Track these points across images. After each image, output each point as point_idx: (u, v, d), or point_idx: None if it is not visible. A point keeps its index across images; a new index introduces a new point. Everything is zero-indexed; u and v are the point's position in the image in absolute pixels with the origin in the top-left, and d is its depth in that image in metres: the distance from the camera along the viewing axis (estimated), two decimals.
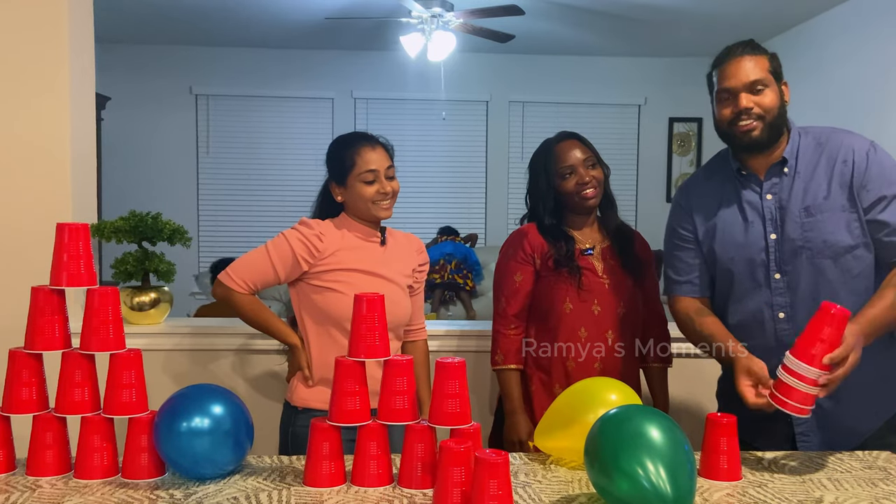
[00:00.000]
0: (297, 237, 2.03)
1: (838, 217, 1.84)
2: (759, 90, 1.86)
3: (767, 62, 1.89)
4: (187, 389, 1.61)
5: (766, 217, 1.89)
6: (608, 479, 1.35)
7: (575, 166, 2.17)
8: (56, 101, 2.57)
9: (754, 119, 1.86)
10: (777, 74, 1.90)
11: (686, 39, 6.25)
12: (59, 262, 1.56)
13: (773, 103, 1.87)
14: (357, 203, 2.07)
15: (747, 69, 1.86)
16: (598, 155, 2.23)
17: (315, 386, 2.05)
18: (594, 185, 2.17)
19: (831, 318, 1.55)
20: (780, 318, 1.88)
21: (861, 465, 1.67)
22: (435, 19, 5.02)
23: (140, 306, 2.58)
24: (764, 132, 1.87)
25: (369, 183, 2.05)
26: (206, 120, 6.78)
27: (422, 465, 1.51)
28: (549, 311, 2.16)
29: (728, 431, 1.58)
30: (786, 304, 1.87)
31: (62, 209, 2.56)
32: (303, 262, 2.03)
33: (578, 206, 2.19)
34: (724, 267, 1.94)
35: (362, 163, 2.05)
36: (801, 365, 1.56)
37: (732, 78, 1.87)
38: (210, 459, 1.54)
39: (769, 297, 1.89)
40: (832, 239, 1.84)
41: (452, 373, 1.50)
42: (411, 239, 2.23)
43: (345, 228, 2.09)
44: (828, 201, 1.85)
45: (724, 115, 1.89)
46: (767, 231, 1.89)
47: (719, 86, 1.89)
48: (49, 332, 1.56)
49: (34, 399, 1.58)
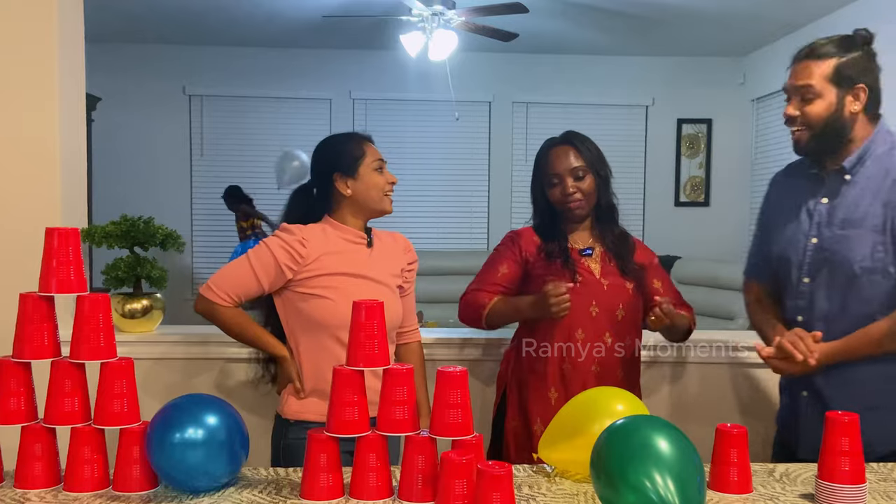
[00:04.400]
0: (278, 244, 2.00)
1: (866, 237, 1.82)
2: (809, 98, 1.85)
3: (831, 68, 1.84)
4: (180, 399, 1.59)
5: (814, 220, 1.90)
6: (615, 491, 1.33)
7: (562, 175, 2.16)
8: (44, 101, 2.54)
9: (799, 127, 1.86)
10: (843, 80, 1.84)
11: (695, 38, 6.22)
12: (48, 267, 1.54)
13: (821, 113, 1.84)
14: (370, 192, 2.06)
15: (802, 74, 1.86)
16: (598, 160, 2.19)
17: (307, 397, 2.02)
18: (579, 198, 2.16)
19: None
20: (799, 321, 1.90)
21: (876, 478, 1.63)
22: (436, 17, 4.98)
23: (132, 314, 2.55)
24: (811, 142, 1.87)
25: (381, 171, 2.07)
26: (199, 121, 6.74)
27: (422, 478, 1.49)
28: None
29: (738, 443, 1.55)
30: (805, 309, 1.89)
31: (51, 213, 2.52)
32: (286, 270, 1.99)
33: (566, 213, 2.20)
34: (774, 261, 1.99)
35: (371, 152, 2.08)
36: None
37: (790, 79, 1.88)
38: (204, 471, 1.51)
39: (794, 300, 1.93)
40: (852, 257, 1.83)
41: (454, 382, 1.48)
42: (397, 238, 2.20)
43: (329, 232, 2.06)
44: (864, 218, 1.83)
45: (784, 114, 1.91)
46: (810, 234, 1.89)
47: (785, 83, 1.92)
48: (38, 341, 1.54)
49: (22, 409, 1.55)
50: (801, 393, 1.94)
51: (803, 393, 1.93)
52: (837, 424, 1.48)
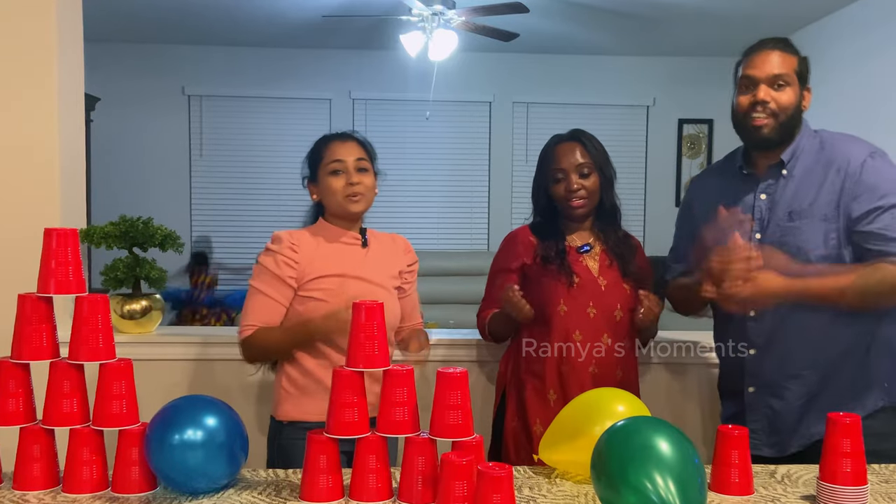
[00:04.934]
0: (271, 259, 1.99)
1: (817, 226, 1.87)
2: (780, 86, 1.89)
3: (796, 63, 1.92)
4: (180, 400, 1.59)
5: (755, 217, 1.93)
6: (615, 493, 1.33)
7: (567, 171, 2.14)
8: (43, 101, 2.53)
9: (768, 115, 1.89)
10: (802, 77, 1.93)
11: (696, 38, 6.20)
12: (46, 268, 1.53)
13: (789, 102, 1.90)
14: (328, 197, 2.05)
15: (773, 62, 1.89)
16: (604, 159, 2.18)
17: (294, 395, 2.01)
18: (583, 196, 2.15)
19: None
20: (751, 315, 1.93)
21: (878, 479, 1.63)
22: (436, 17, 4.96)
23: (131, 314, 2.54)
24: (774, 130, 1.90)
25: (336, 174, 2.03)
26: (199, 121, 6.72)
27: (422, 479, 1.48)
28: (541, 313, 2.12)
29: (740, 444, 1.54)
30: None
31: (50, 214, 2.52)
32: (291, 281, 2.00)
33: (566, 211, 2.18)
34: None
35: (329, 154, 2.05)
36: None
37: (757, 68, 1.90)
38: (203, 473, 1.51)
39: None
40: (806, 247, 1.87)
41: (454, 383, 1.47)
42: (396, 239, 2.19)
43: (320, 234, 2.06)
44: (811, 208, 1.88)
45: (741, 102, 1.93)
46: (753, 231, 1.91)
47: (742, 72, 1.93)
48: (36, 342, 1.53)
49: (21, 410, 1.55)
50: (747, 389, 1.98)
51: (749, 389, 1.97)
52: (839, 426, 1.47)
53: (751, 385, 1.97)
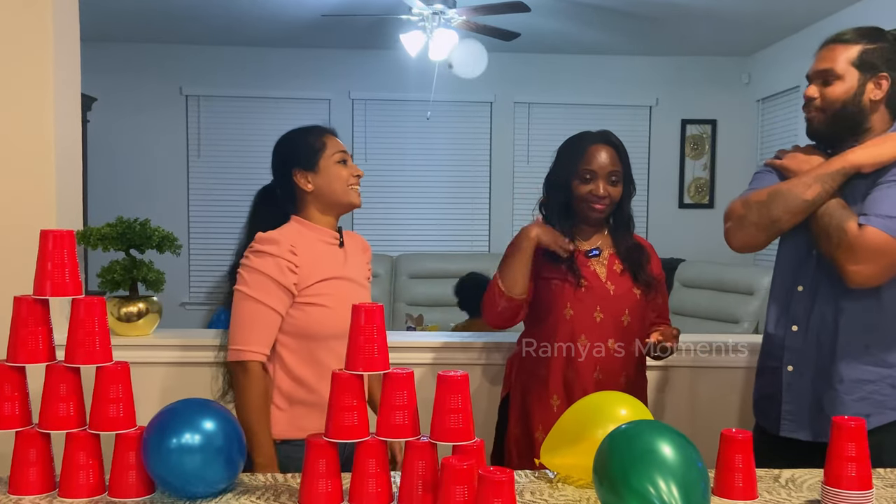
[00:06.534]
0: (272, 266, 1.86)
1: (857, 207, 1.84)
2: (829, 81, 1.86)
3: (855, 53, 1.85)
4: (177, 404, 1.57)
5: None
6: (618, 497, 1.32)
7: (597, 174, 2.09)
8: (40, 101, 2.52)
9: (813, 110, 1.88)
10: (866, 66, 1.84)
11: (699, 38, 6.17)
12: (42, 270, 1.52)
13: (839, 96, 1.85)
14: (332, 186, 1.96)
15: (826, 57, 1.87)
16: (628, 171, 2.15)
17: (287, 411, 1.92)
18: (606, 203, 2.10)
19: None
20: (798, 290, 1.94)
21: (883, 484, 1.62)
22: (437, 16, 4.94)
23: (128, 317, 2.53)
24: (824, 124, 1.88)
25: (344, 163, 1.98)
26: (196, 122, 6.70)
27: (423, 484, 1.46)
28: (547, 316, 2.10)
29: (743, 448, 1.53)
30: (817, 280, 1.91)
31: (46, 215, 2.50)
32: (293, 289, 1.89)
33: (583, 212, 2.13)
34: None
35: (333, 144, 2.00)
36: None
37: (814, 63, 1.90)
38: (201, 477, 1.50)
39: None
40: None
41: (455, 386, 1.45)
42: (355, 237, 2.13)
43: (305, 234, 1.96)
44: (854, 208, 1.83)
45: (803, 96, 1.93)
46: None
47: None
48: (32, 344, 1.52)
49: (17, 414, 1.54)
50: (786, 368, 1.94)
51: (788, 368, 1.94)
52: (844, 430, 1.46)
53: (790, 363, 1.93)
